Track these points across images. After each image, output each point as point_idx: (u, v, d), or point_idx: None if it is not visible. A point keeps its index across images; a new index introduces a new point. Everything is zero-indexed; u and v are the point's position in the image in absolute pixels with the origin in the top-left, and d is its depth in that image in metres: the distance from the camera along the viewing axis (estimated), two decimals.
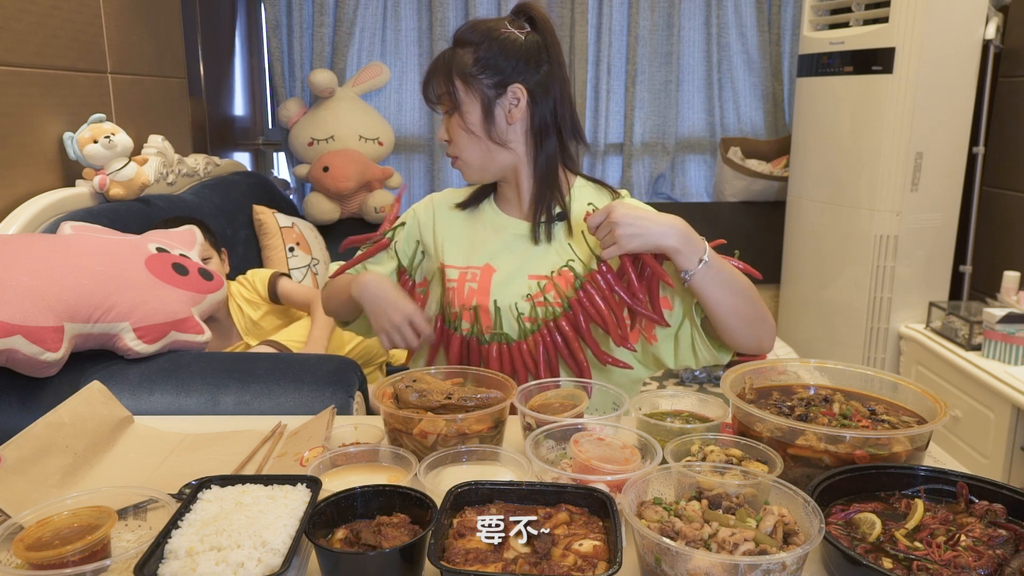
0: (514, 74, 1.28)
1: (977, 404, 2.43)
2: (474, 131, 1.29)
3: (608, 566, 0.74)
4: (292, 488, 0.88)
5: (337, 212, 3.22)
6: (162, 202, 2.23)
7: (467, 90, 1.28)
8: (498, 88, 1.28)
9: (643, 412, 1.12)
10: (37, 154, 2.00)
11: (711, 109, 3.62)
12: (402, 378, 1.13)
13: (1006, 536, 0.84)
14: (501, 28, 1.29)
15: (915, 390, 1.09)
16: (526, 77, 1.28)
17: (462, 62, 1.28)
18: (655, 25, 3.50)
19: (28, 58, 1.95)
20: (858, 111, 2.82)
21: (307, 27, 3.37)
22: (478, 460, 1.00)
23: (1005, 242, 2.91)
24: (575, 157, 1.40)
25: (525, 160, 1.34)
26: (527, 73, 1.28)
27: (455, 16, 3.39)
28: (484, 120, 1.29)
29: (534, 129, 1.31)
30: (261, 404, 1.54)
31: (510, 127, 1.30)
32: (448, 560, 0.77)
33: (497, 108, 1.29)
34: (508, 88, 1.28)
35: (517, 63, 1.27)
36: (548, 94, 1.30)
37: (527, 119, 1.31)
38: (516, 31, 1.29)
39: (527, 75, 1.28)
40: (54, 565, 0.77)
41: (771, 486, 0.87)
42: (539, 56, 1.29)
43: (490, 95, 1.28)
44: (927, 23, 2.62)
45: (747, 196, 3.54)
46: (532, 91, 1.29)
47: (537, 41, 1.30)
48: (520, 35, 1.28)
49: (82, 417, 1.13)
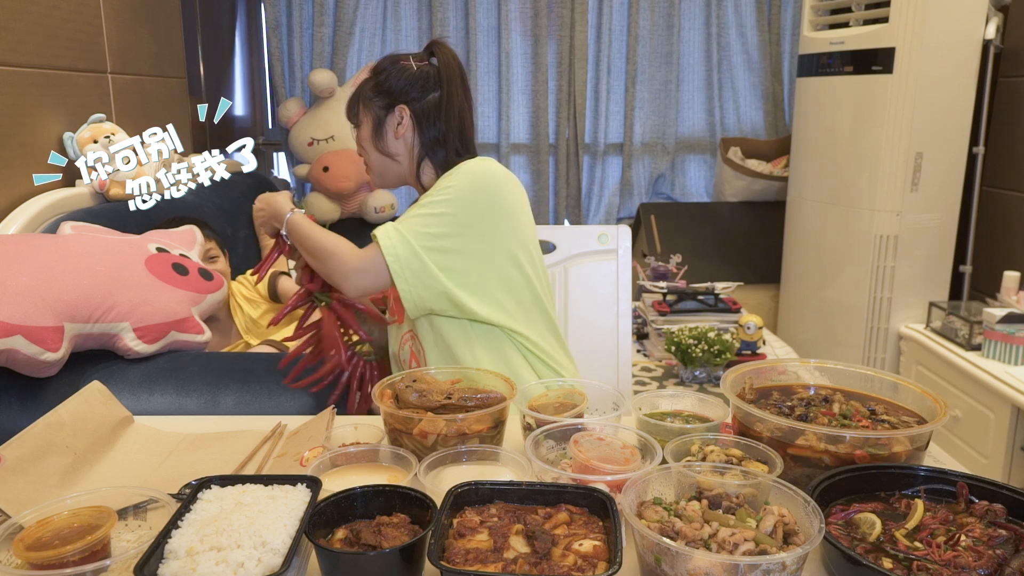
0: (400, 96, 1.50)
1: (977, 404, 2.43)
2: (367, 143, 1.55)
3: (608, 566, 0.75)
4: (292, 488, 0.88)
5: (337, 212, 3.22)
6: (162, 202, 2.23)
7: (364, 110, 1.54)
8: (387, 108, 1.52)
9: (643, 412, 1.12)
10: (37, 154, 2.00)
11: (711, 109, 3.62)
12: (402, 378, 1.13)
13: (1006, 536, 0.84)
14: (401, 60, 1.52)
15: (915, 390, 1.09)
16: (412, 100, 1.50)
17: (365, 87, 1.55)
18: (655, 25, 3.50)
19: (28, 58, 1.95)
20: (858, 111, 2.82)
21: (307, 27, 3.37)
22: (478, 460, 1.00)
23: (1005, 242, 2.91)
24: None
25: (413, 172, 1.55)
26: (414, 97, 1.50)
27: (455, 16, 3.39)
28: (373, 134, 1.54)
29: (424, 145, 1.52)
30: (261, 404, 1.54)
31: (396, 141, 1.52)
32: (448, 560, 0.77)
33: (386, 125, 1.52)
34: (395, 108, 1.51)
35: (405, 88, 1.50)
36: (437, 116, 1.50)
37: (415, 136, 1.52)
38: (415, 63, 1.51)
39: (413, 99, 1.50)
40: (54, 565, 0.77)
41: (771, 486, 0.87)
42: (429, 83, 1.50)
43: (380, 114, 1.52)
44: (927, 23, 2.62)
45: (747, 196, 3.54)
46: (418, 112, 1.50)
47: (431, 71, 1.51)
48: (415, 66, 1.51)
49: (82, 417, 1.13)
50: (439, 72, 1.51)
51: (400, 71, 1.52)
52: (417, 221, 1.39)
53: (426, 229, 1.38)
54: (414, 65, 1.52)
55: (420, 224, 1.39)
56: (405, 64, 1.52)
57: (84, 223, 1.83)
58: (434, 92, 1.50)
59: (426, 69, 1.52)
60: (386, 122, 1.52)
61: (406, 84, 1.51)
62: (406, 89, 1.51)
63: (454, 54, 1.54)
